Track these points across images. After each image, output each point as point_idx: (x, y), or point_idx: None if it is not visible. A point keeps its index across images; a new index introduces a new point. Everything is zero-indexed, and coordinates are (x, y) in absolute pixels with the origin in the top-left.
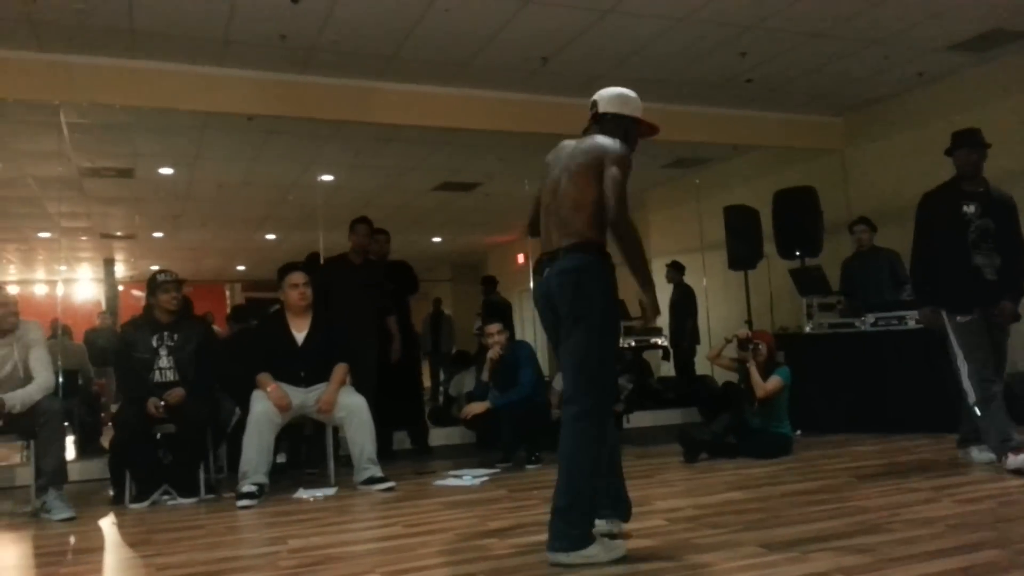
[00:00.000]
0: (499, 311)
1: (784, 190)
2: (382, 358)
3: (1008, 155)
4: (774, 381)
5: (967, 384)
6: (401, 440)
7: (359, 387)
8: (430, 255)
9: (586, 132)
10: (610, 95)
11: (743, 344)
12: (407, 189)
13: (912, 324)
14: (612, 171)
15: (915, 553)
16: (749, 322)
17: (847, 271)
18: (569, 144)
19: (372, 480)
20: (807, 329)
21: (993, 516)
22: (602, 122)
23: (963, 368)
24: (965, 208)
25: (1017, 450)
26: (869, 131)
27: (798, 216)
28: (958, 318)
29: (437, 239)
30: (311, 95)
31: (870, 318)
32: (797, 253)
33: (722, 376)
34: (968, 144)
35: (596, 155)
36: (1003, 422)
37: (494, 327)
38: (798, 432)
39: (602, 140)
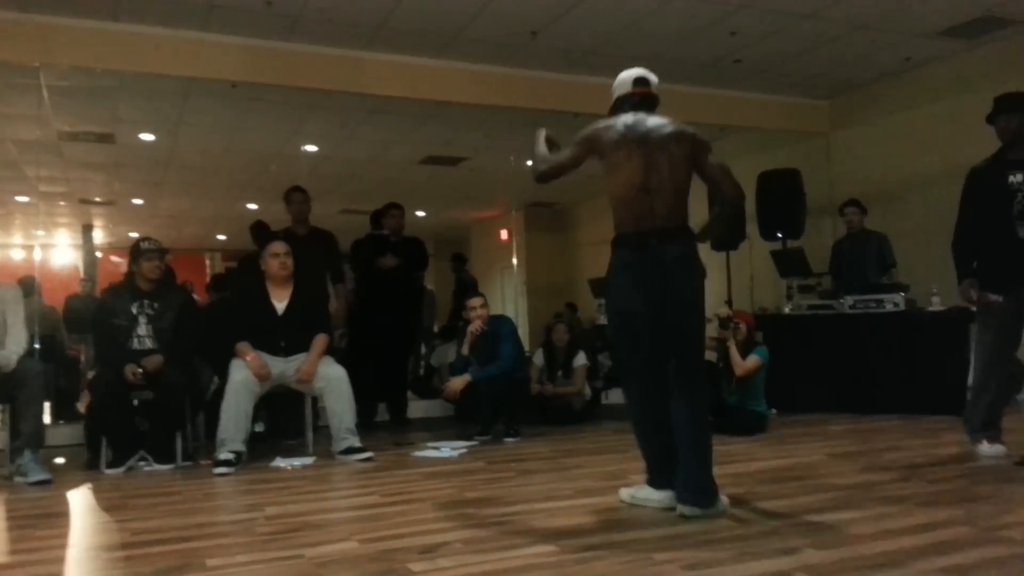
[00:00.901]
0: (473, 288)
1: (768, 172)
2: (370, 327)
3: (994, 142)
4: (752, 360)
5: (972, 363)
6: (380, 411)
7: None
8: (413, 229)
9: (640, 107)
10: (655, 78)
11: (723, 323)
12: (392, 162)
13: (890, 307)
14: (719, 164)
15: (886, 530)
16: (729, 302)
17: (837, 252)
18: (648, 121)
19: (351, 450)
20: (786, 310)
21: (962, 495)
22: (654, 102)
23: (974, 347)
24: (1011, 178)
25: (992, 439)
26: (855, 115)
27: (781, 198)
28: (989, 296)
29: (421, 213)
30: (296, 63)
31: (849, 300)
32: (779, 235)
33: None
34: (1007, 109)
35: (690, 143)
36: (987, 414)
37: (476, 300)
38: (773, 411)
39: (685, 126)
